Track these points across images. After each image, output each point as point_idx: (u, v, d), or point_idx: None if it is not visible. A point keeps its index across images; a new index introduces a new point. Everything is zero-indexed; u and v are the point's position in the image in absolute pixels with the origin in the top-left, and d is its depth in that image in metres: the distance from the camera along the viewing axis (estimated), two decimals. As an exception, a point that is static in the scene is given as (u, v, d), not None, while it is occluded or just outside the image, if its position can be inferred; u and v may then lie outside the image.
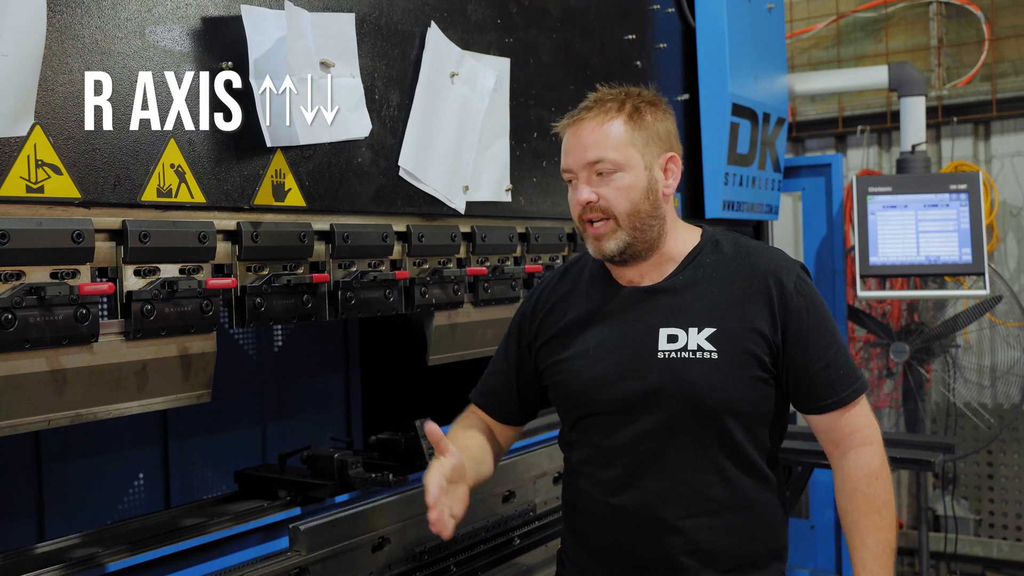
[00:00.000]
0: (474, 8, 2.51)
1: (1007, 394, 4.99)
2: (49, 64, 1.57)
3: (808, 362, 1.91)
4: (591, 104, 1.95)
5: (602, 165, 1.89)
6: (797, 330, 1.90)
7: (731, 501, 1.91)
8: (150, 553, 2.01)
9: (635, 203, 1.90)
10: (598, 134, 1.90)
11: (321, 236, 2.10)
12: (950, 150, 5.30)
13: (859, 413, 1.95)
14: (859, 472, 1.93)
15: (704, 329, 1.89)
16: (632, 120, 1.91)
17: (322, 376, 3.99)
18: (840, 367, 1.93)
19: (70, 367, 1.63)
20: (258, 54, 1.89)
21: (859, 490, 1.92)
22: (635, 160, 1.90)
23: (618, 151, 1.89)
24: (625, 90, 1.96)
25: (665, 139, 1.94)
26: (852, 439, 1.94)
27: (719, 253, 1.97)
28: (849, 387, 1.93)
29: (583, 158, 1.91)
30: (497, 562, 2.48)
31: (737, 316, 1.90)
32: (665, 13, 3.44)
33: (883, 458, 1.95)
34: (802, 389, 1.94)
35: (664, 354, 1.90)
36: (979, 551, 5.19)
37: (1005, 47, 5.19)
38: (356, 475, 2.35)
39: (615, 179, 1.89)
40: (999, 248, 5.21)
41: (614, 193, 1.89)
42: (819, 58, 5.65)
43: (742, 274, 1.93)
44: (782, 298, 1.90)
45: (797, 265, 1.98)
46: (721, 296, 1.92)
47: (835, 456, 1.97)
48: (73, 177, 1.62)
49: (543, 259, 2.74)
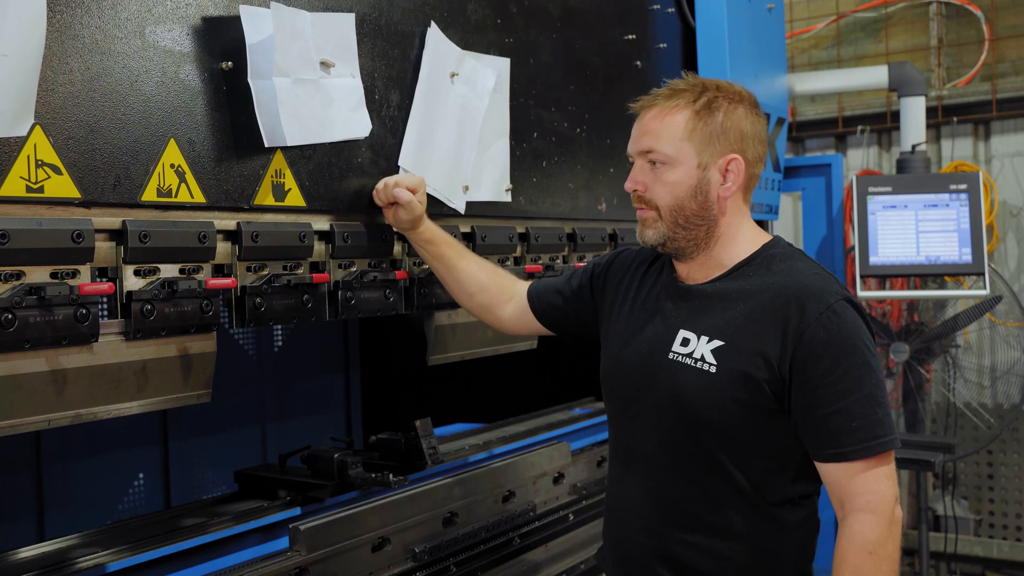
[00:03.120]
0: (474, 8, 2.51)
1: (1007, 394, 4.99)
2: (49, 64, 1.57)
3: (816, 403, 1.74)
4: (667, 90, 1.90)
5: (653, 156, 1.86)
6: (807, 364, 1.74)
7: (717, 525, 1.82)
8: (150, 553, 2.00)
9: (679, 200, 1.85)
10: (657, 124, 1.86)
11: (321, 236, 2.10)
12: (950, 150, 5.30)
13: (870, 475, 1.73)
14: (852, 541, 1.72)
15: (713, 340, 1.82)
16: (699, 115, 1.84)
17: (322, 376, 3.99)
18: (855, 418, 1.72)
19: (70, 367, 1.63)
20: (257, 54, 1.88)
21: (847, 562, 1.72)
22: (688, 157, 1.84)
23: (671, 145, 1.84)
24: (708, 82, 1.90)
25: (734, 140, 1.85)
26: (854, 501, 1.74)
27: (767, 268, 1.86)
28: (860, 442, 1.72)
29: (639, 145, 1.89)
30: (497, 562, 2.48)
31: (748, 335, 1.79)
32: (665, 13, 3.44)
33: (884, 532, 1.71)
34: (807, 431, 1.77)
35: (674, 356, 1.87)
36: (979, 551, 5.19)
37: (1005, 47, 5.19)
38: (356, 475, 2.35)
39: (663, 173, 1.85)
40: (999, 248, 5.21)
41: (659, 186, 1.86)
42: (819, 58, 5.64)
43: (770, 293, 1.81)
44: (799, 325, 1.75)
45: (837, 296, 1.78)
46: (742, 311, 1.82)
47: (839, 517, 1.78)
48: (73, 177, 1.62)
49: (543, 259, 2.74)
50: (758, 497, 1.82)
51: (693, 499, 1.85)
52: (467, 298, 2.29)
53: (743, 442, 1.81)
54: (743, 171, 1.87)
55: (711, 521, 1.84)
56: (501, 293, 2.27)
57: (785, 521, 1.84)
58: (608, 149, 3.03)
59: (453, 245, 2.26)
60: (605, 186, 3.01)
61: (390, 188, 2.15)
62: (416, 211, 2.16)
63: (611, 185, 3.03)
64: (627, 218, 3.12)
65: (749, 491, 1.81)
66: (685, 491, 1.86)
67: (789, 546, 1.85)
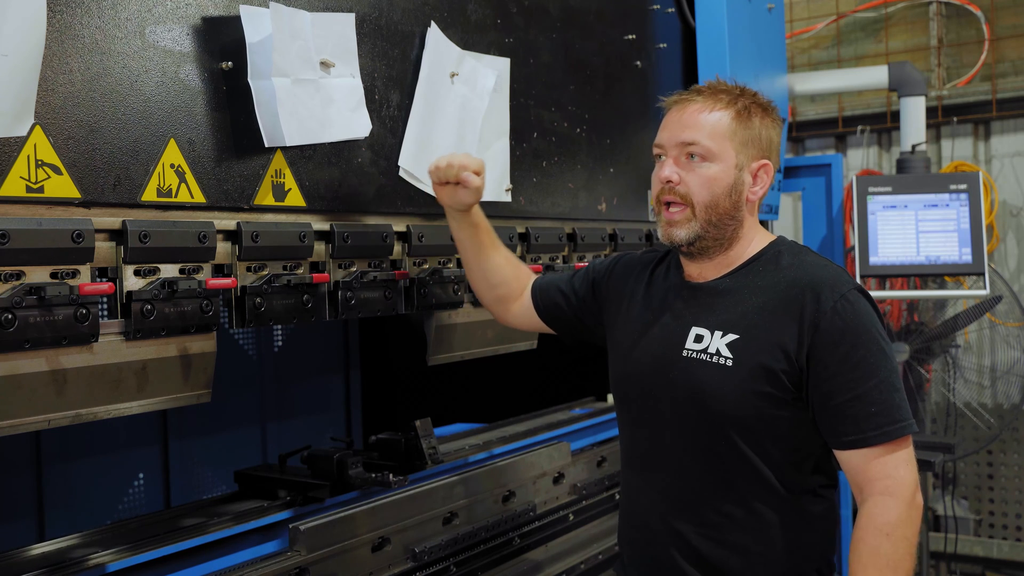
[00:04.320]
0: (474, 8, 2.51)
1: (1007, 394, 4.99)
2: (49, 64, 1.57)
3: (834, 390, 1.77)
4: (705, 89, 1.93)
5: (694, 148, 1.87)
6: (825, 353, 1.78)
7: (743, 520, 1.84)
8: (150, 553, 2.00)
9: (716, 197, 1.87)
10: (701, 118, 1.88)
11: (321, 236, 2.10)
12: (950, 150, 5.30)
13: (889, 460, 1.76)
14: (870, 523, 1.75)
15: (728, 334, 1.84)
16: (739, 117, 1.89)
17: (322, 376, 3.99)
18: (873, 404, 1.76)
19: (70, 367, 1.63)
20: (257, 54, 1.88)
21: (865, 542, 1.75)
22: (728, 155, 1.87)
23: (714, 140, 1.87)
24: (742, 88, 1.95)
25: (765, 146, 1.92)
26: (874, 486, 1.77)
27: (775, 263, 1.91)
28: (879, 427, 1.76)
29: (678, 136, 1.89)
30: (497, 562, 2.48)
31: (764, 327, 1.82)
32: (665, 13, 3.44)
33: (903, 514, 1.75)
34: (826, 419, 1.80)
35: (688, 352, 1.88)
36: (979, 551, 5.19)
37: (1005, 47, 5.19)
38: (356, 475, 2.35)
39: (702, 167, 1.87)
40: (999, 248, 5.21)
41: (697, 180, 1.87)
42: (819, 58, 5.64)
43: (783, 285, 1.85)
44: (815, 316, 1.79)
45: (849, 285, 1.83)
46: (756, 304, 1.85)
47: (859, 502, 1.82)
48: (73, 177, 1.62)
49: (543, 259, 2.74)
50: (783, 489, 1.84)
51: (719, 496, 1.86)
52: (488, 289, 2.28)
53: (765, 434, 1.83)
54: (771, 177, 1.93)
55: (739, 517, 1.85)
56: (519, 288, 2.28)
57: (810, 512, 1.86)
58: (608, 149, 3.03)
59: (491, 233, 2.25)
60: (605, 186, 3.01)
61: (454, 168, 2.08)
62: (479, 195, 2.13)
63: (611, 185, 3.03)
64: (627, 218, 3.12)
65: (775, 483, 1.83)
66: (711, 488, 1.86)
67: (815, 538, 1.88)
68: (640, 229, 3.17)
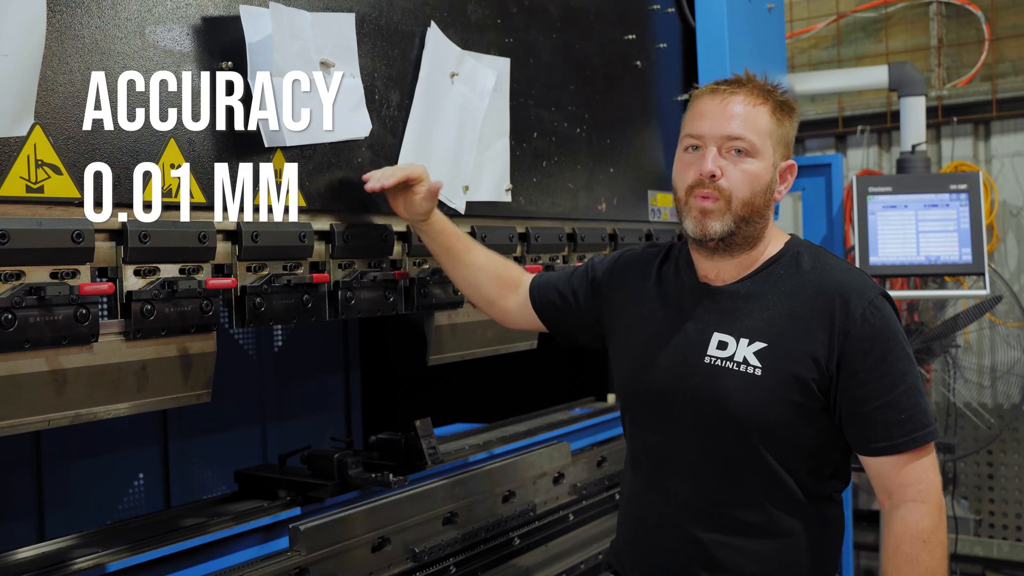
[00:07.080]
0: (474, 8, 2.51)
1: (1007, 394, 4.99)
2: (49, 64, 1.57)
3: (864, 398, 1.77)
4: (745, 81, 1.91)
5: (742, 143, 1.84)
6: (855, 360, 1.77)
7: (762, 527, 1.84)
8: (150, 553, 2.00)
9: (755, 193, 1.85)
10: (747, 112, 1.85)
11: (321, 236, 2.10)
12: (950, 150, 5.30)
13: (918, 465, 1.78)
14: (906, 531, 1.77)
15: (755, 343, 1.82)
16: (775, 115, 1.88)
17: (322, 376, 3.99)
18: (903, 410, 1.77)
19: (70, 367, 1.63)
20: (257, 54, 1.88)
21: (902, 551, 1.76)
22: (768, 152, 1.86)
23: (760, 137, 1.85)
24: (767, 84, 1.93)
25: (790, 146, 1.92)
26: (905, 492, 1.78)
27: (796, 266, 1.89)
28: (909, 434, 1.77)
29: (725, 129, 1.84)
30: (497, 562, 2.48)
31: (793, 335, 1.81)
32: (665, 13, 3.44)
33: (937, 521, 1.77)
34: (855, 426, 1.80)
35: (711, 359, 1.85)
36: (979, 551, 5.19)
37: (1005, 47, 5.19)
38: (356, 475, 2.35)
39: (746, 163, 1.84)
40: (999, 248, 5.21)
41: (740, 176, 1.84)
42: (819, 58, 5.64)
43: (810, 292, 1.83)
44: (845, 323, 1.78)
45: (875, 290, 1.82)
46: (782, 311, 1.83)
47: (885, 508, 1.83)
48: (73, 177, 1.62)
49: (543, 259, 2.74)
50: (803, 496, 1.84)
51: (739, 502, 1.84)
52: (473, 291, 2.27)
53: (789, 442, 1.82)
54: (794, 178, 1.93)
55: (757, 523, 1.84)
56: (507, 285, 2.26)
57: (825, 518, 1.87)
58: (608, 149, 3.03)
59: (461, 237, 2.24)
60: (605, 186, 3.01)
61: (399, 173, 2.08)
62: (434, 199, 2.13)
63: (611, 185, 3.03)
64: (627, 218, 3.12)
65: (795, 490, 1.83)
66: (730, 495, 1.85)
67: (829, 542, 1.89)
68: (640, 229, 3.17)
